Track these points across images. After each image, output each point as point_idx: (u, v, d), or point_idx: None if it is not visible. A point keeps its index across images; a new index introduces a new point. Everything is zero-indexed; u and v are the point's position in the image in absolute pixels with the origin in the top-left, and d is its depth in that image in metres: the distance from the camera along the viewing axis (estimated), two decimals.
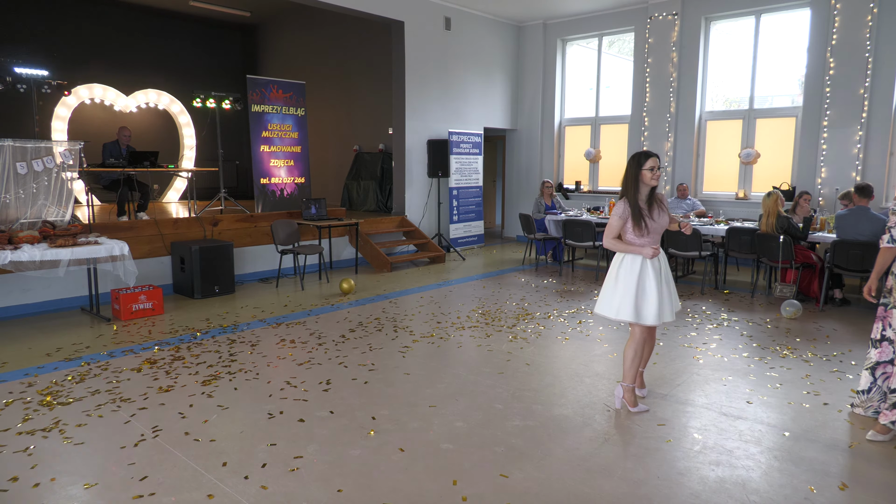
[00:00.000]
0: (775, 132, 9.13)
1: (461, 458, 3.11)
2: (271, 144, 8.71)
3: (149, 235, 6.94)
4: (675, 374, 4.38)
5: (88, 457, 3.12)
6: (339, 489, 2.81)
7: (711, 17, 9.49)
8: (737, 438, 3.36)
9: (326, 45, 12.31)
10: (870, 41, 7.93)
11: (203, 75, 12.81)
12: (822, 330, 5.59)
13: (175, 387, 4.09)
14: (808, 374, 4.39)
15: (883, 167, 8.07)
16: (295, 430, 3.43)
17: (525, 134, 11.92)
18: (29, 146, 5.76)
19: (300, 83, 9.06)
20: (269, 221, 7.83)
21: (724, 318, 6.00)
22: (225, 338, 5.25)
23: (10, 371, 4.39)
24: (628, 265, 3.57)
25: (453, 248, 10.16)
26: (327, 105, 12.44)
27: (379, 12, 9.10)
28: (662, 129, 9.93)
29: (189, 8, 11.49)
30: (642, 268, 3.54)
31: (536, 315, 6.07)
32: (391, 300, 6.72)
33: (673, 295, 3.68)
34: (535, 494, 2.78)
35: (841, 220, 6.31)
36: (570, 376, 4.33)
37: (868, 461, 3.12)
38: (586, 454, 3.18)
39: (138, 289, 5.97)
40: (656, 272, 3.55)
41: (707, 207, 9.32)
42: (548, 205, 9.40)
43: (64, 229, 5.58)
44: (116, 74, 11.16)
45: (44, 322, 5.74)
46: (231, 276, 6.97)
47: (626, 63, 11.16)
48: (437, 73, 10.13)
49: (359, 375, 4.33)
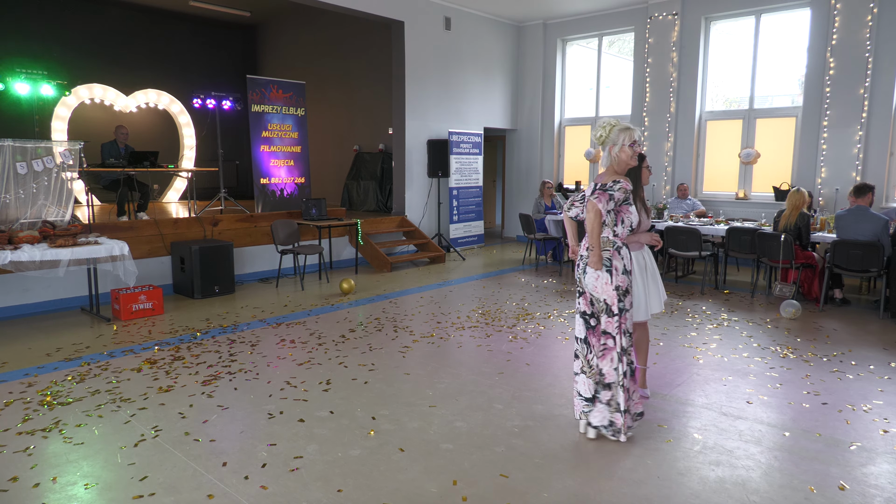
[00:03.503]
0: (775, 132, 9.13)
1: (461, 458, 3.11)
2: (271, 144, 8.71)
3: (149, 235, 6.94)
4: (675, 374, 4.38)
5: (88, 457, 3.11)
6: (339, 489, 2.81)
7: (711, 17, 9.49)
8: (737, 438, 3.36)
9: (326, 45, 12.31)
10: (870, 41, 7.93)
11: (203, 75, 12.80)
12: (822, 330, 5.59)
13: (175, 387, 4.08)
14: (808, 374, 4.39)
15: (883, 167, 8.07)
16: (295, 430, 3.43)
17: (525, 134, 11.92)
18: (29, 146, 5.76)
19: (300, 83, 9.06)
20: (269, 221, 7.83)
21: (724, 318, 6.00)
22: (225, 338, 5.25)
23: (10, 371, 4.39)
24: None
25: (453, 248, 10.16)
26: (327, 105, 12.44)
27: (379, 12, 9.10)
28: (662, 129, 9.93)
29: (189, 8, 11.49)
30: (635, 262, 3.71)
31: (536, 315, 6.07)
32: (391, 300, 6.72)
33: (659, 287, 3.82)
34: (534, 494, 2.78)
35: (840, 220, 6.31)
36: (570, 376, 4.33)
37: (868, 461, 3.12)
38: (586, 454, 3.18)
39: (138, 289, 5.97)
40: (641, 269, 3.70)
41: (707, 207, 9.32)
42: (547, 205, 9.40)
43: (64, 229, 5.58)
44: (116, 74, 11.15)
45: (44, 322, 5.74)
46: (231, 276, 6.97)
47: (626, 63, 11.17)
48: (437, 73, 10.13)
49: (359, 375, 4.33)
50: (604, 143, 3.33)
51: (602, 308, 3.27)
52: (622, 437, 3.27)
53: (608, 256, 3.23)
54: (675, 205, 9.02)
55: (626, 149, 3.27)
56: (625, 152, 3.27)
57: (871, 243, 5.93)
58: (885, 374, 4.40)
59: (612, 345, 3.26)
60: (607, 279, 3.22)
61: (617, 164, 3.31)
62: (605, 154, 3.36)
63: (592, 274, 3.25)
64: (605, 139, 3.32)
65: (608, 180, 3.24)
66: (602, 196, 3.18)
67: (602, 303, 3.25)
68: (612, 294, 3.22)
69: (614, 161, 3.31)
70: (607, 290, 3.22)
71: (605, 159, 3.36)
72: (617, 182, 3.21)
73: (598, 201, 3.17)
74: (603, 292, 3.24)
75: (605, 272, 3.22)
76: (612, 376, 3.26)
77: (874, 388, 4.14)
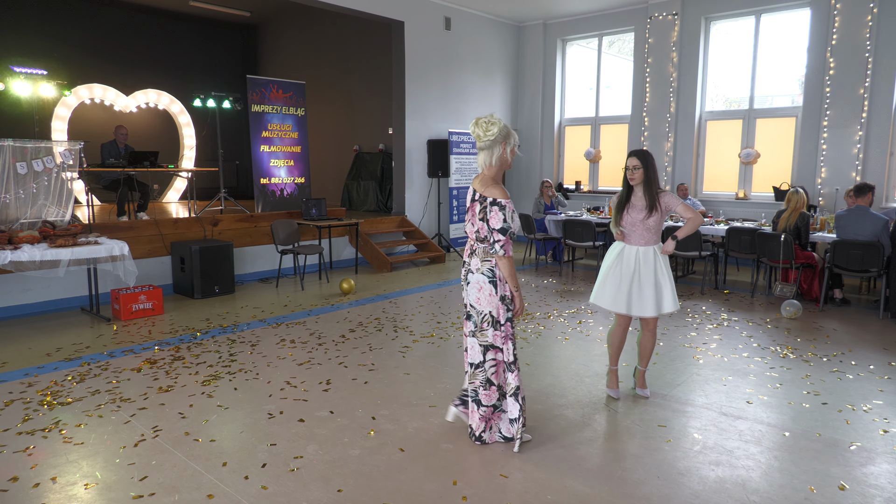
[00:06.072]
0: (775, 132, 9.13)
1: (461, 458, 3.11)
2: (271, 144, 8.71)
3: (149, 235, 6.94)
4: (675, 374, 4.38)
5: (88, 457, 3.11)
6: (339, 489, 2.81)
7: (711, 17, 9.49)
8: (737, 438, 3.36)
9: (326, 45, 12.31)
10: (870, 41, 7.93)
11: (203, 75, 12.81)
12: (822, 330, 5.59)
13: (175, 387, 4.08)
14: (808, 374, 4.39)
15: (883, 167, 8.07)
16: (295, 430, 3.43)
17: (525, 134, 11.91)
18: (29, 146, 5.76)
19: (300, 83, 9.06)
20: (269, 221, 7.83)
21: (724, 318, 6.00)
22: (225, 338, 5.25)
23: (10, 371, 4.39)
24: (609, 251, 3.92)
25: (453, 248, 10.16)
26: (327, 105, 12.44)
27: (379, 12, 9.10)
28: (662, 129, 9.93)
29: (189, 8, 11.49)
30: (617, 256, 3.81)
31: (536, 315, 6.07)
32: (391, 300, 6.72)
33: (644, 295, 3.70)
34: (535, 494, 2.78)
35: (840, 220, 6.31)
36: (570, 376, 4.33)
37: (868, 461, 3.12)
38: (586, 454, 3.18)
39: (138, 289, 5.97)
40: (627, 266, 3.74)
41: (707, 207, 9.32)
42: (547, 204, 9.40)
43: (64, 229, 5.58)
44: (116, 74, 11.14)
45: (44, 322, 5.74)
46: (231, 276, 6.97)
47: (626, 63, 11.16)
48: (437, 73, 10.13)
49: (359, 375, 4.33)
50: (494, 140, 3.04)
51: (488, 320, 3.10)
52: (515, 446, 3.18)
53: (490, 266, 3.06)
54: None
55: (515, 150, 3.11)
56: (513, 153, 3.10)
57: (871, 243, 5.93)
58: (884, 374, 4.40)
59: (500, 358, 3.15)
60: (491, 290, 3.07)
61: (500, 165, 3.07)
62: (487, 154, 3.05)
63: (475, 285, 3.10)
64: (496, 136, 3.03)
65: (500, 196, 3.00)
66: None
67: (487, 315, 3.10)
68: (497, 305, 3.09)
69: (500, 162, 3.06)
70: (493, 301, 3.08)
71: (488, 160, 3.05)
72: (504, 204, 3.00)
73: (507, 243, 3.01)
74: (488, 304, 3.09)
75: (488, 283, 3.07)
76: (511, 386, 3.16)
77: (874, 388, 4.14)
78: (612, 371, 3.99)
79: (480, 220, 3.05)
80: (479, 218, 3.05)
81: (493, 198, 3.01)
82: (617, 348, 3.96)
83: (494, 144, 3.05)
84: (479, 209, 3.05)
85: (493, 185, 3.05)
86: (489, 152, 3.05)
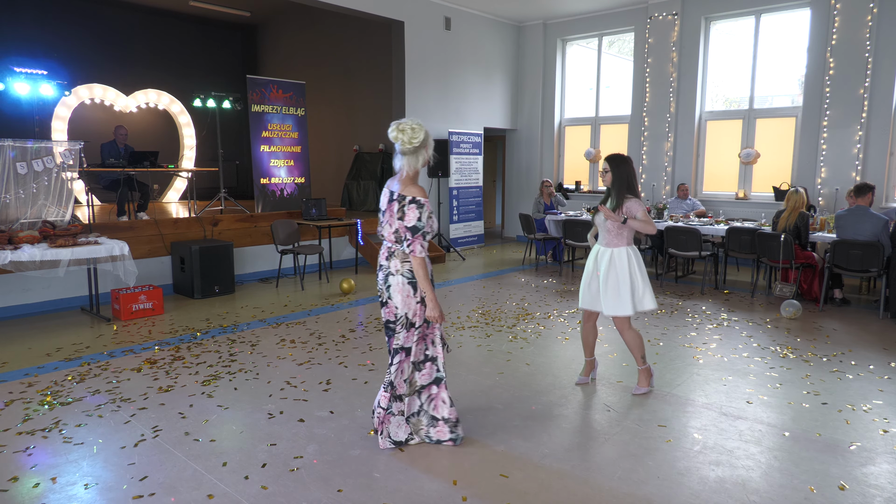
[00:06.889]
0: (775, 132, 9.13)
1: (461, 458, 3.11)
2: (271, 144, 8.71)
3: (149, 235, 6.94)
4: (675, 374, 4.38)
5: (88, 457, 3.11)
6: (339, 489, 2.81)
7: (711, 17, 9.49)
8: (737, 438, 3.36)
9: (326, 45, 12.31)
10: (870, 41, 7.93)
11: (203, 75, 12.79)
12: (822, 330, 5.59)
13: (175, 387, 4.09)
14: (808, 374, 4.39)
15: (883, 167, 8.07)
16: (295, 430, 3.43)
17: (525, 134, 11.92)
18: (29, 146, 5.76)
19: (300, 83, 9.06)
20: (269, 221, 7.83)
21: (724, 318, 6.00)
22: (225, 338, 5.25)
23: (10, 371, 4.39)
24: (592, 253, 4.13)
25: (453, 248, 10.16)
26: (327, 105, 12.44)
27: (379, 12, 9.10)
28: (662, 129, 9.93)
29: (189, 8, 11.48)
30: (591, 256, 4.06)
31: (536, 315, 6.07)
32: None
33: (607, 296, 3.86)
34: (535, 494, 2.78)
35: (840, 219, 6.31)
36: (570, 376, 4.33)
37: (868, 461, 3.12)
38: (586, 454, 3.18)
39: (138, 289, 5.97)
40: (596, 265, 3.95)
41: (707, 207, 9.31)
42: (547, 204, 9.40)
43: (64, 229, 5.58)
44: (116, 74, 11.14)
45: (44, 322, 5.74)
46: (231, 276, 6.97)
47: (626, 63, 11.17)
48: (437, 73, 10.13)
49: (359, 375, 4.33)
50: (419, 146, 3.00)
51: (402, 322, 3.09)
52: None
53: (410, 267, 3.04)
54: (675, 205, 9.02)
55: (431, 153, 3.08)
56: (431, 157, 3.08)
57: (871, 243, 5.93)
58: (884, 374, 4.40)
59: (405, 357, 3.14)
60: (410, 291, 3.06)
61: (418, 167, 3.04)
62: (412, 158, 3.01)
63: (395, 287, 3.07)
64: (421, 142, 3.00)
65: (419, 195, 3.00)
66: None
67: (402, 316, 3.08)
68: (415, 307, 3.08)
69: (417, 165, 3.03)
70: (409, 302, 3.06)
71: (413, 164, 3.02)
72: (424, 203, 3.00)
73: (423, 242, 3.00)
74: (404, 306, 3.07)
75: (407, 284, 3.05)
76: (404, 388, 3.17)
77: (874, 388, 4.14)
78: (587, 361, 4.22)
79: (399, 220, 3.02)
80: (397, 218, 3.02)
81: (412, 196, 3.00)
82: (585, 342, 4.19)
83: (419, 150, 3.03)
84: (398, 208, 3.02)
85: (413, 185, 3.06)
86: (414, 157, 3.03)
